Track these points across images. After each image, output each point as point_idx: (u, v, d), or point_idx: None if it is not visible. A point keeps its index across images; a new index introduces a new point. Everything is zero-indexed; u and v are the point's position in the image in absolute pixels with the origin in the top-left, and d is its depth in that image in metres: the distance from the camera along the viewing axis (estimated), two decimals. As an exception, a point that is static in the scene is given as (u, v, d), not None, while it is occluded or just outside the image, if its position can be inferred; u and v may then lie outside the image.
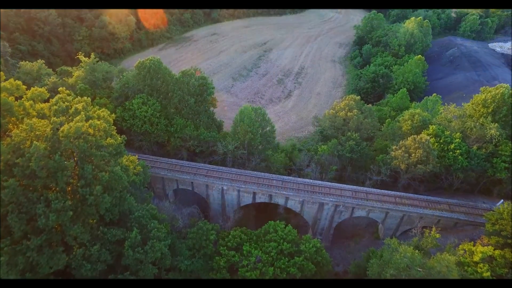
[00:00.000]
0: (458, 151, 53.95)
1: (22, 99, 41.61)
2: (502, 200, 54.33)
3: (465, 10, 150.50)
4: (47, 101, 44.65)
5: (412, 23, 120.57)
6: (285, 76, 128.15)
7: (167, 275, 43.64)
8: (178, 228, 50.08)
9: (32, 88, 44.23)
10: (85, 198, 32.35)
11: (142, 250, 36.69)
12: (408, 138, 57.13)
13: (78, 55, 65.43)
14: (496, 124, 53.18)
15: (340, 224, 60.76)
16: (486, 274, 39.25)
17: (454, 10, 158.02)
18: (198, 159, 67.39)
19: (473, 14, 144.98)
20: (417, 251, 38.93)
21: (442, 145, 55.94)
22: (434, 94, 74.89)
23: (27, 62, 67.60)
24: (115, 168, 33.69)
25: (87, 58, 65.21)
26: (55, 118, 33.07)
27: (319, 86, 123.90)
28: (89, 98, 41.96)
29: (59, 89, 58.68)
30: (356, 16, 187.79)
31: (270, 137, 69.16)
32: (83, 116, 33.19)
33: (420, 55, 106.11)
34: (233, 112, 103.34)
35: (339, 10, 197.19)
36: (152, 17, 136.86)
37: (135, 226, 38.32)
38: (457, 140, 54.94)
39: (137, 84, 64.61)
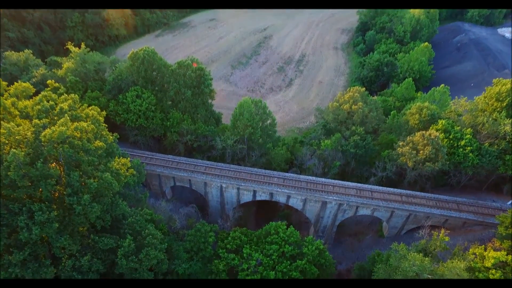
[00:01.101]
0: (468, 148, 51.31)
1: (4, 95, 38.71)
2: (513, 199, 52.26)
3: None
4: (36, 94, 41.68)
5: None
6: (286, 64, 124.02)
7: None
8: (175, 229, 48.10)
9: (15, 83, 41.12)
10: (72, 208, 29.92)
11: (137, 259, 34.61)
12: (416, 133, 54.37)
13: (67, 45, 61.67)
14: (511, 119, 50.27)
15: (343, 221, 58.77)
16: (499, 281, 37.41)
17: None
18: (196, 154, 64.83)
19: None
20: (426, 258, 36.84)
21: (451, 141, 53.24)
22: (442, 85, 71.53)
23: (13, 52, 63.87)
24: (105, 175, 31.06)
25: (77, 48, 61.49)
26: (37, 120, 30.19)
27: (321, 75, 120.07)
28: (77, 95, 38.88)
29: (47, 82, 55.86)
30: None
31: (270, 130, 66.44)
32: (68, 118, 30.27)
33: (426, 43, 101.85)
34: (232, 101, 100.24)
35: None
36: None
37: (129, 232, 36.11)
38: (468, 136, 52.20)
39: (131, 76, 61.27)
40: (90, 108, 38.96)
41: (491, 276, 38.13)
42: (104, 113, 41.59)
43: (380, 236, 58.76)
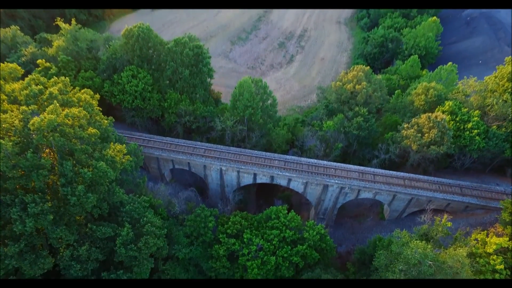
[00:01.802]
0: (475, 131, 49.79)
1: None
2: (517, 183, 51.49)
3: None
4: (26, 75, 39.54)
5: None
6: (287, 39, 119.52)
7: (165, 265, 41.87)
8: (175, 213, 47.62)
9: (1, 64, 38.81)
10: (67, 198, 28.91)
11: (136, 247, 34.14)
12: (422, 115, 52.62)
13: (56, 21, 58.33)
14: (522, 101, 48.40)
15: (344, 203, 58.50)
16: (500, 267, 37.38)
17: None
18: (195, 136, 63.39)
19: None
20: (429, 246, 36.45)
21: (458, 124, 51.62)
22: (450, 63, 68.76)
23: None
24: (99, 164, 29.79)
25: (67, 24, 58.22)
26: (25, 106, 28.51)
27: (323, 51, 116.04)
28: (67, 78, 36.79)
29: (38, 61, 53.35)
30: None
31: (271, 111, 64.64)
32: (57, 105, 28.54)
33: (434, 17, 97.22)
34: (232, 79, 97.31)
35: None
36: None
37: (127, 220, 35.43)
38: (475, 118, 50.53)
39: (126, 54, 58.51)
40: (82, 91, 37.04)
41: (491, 262, 38.06)
42: (97, 96, 39.72)
43: (381, 218, 58.67)
